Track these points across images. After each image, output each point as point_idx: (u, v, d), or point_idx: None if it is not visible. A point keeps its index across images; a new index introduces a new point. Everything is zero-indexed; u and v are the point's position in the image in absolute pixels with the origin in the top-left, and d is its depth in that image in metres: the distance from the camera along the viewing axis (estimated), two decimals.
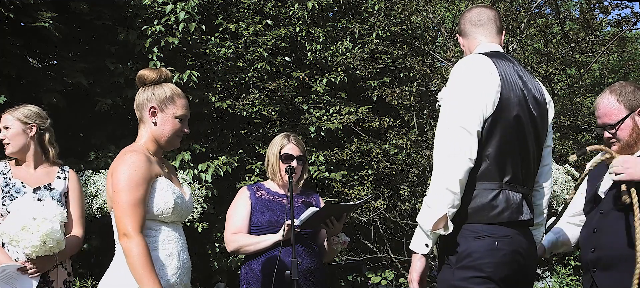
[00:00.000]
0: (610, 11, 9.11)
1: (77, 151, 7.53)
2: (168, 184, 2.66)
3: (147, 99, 2.69)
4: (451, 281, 2.35)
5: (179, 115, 2.70)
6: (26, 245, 3.04)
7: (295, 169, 3.56)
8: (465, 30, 2.68)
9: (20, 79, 7.03)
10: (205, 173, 7.57)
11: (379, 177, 8.35)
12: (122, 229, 2.51)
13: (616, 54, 10.83)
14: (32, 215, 3.07)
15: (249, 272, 3.53)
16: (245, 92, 8.82)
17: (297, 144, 3.64)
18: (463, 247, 2.34)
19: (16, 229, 3.05)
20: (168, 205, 2.62)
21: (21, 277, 3.15)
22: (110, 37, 7.77)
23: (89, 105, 7.58)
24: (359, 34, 9.31)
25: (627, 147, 2.85)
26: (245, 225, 3.57)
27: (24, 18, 6.60)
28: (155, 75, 2.71)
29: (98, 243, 6.85)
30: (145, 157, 2.61)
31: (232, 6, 9.48)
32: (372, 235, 8.45)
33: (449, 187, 2.28)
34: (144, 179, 2.55)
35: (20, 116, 3.41)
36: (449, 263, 2.38)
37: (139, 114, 2.74)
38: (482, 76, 2.40)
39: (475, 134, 2.32)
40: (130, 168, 2.54)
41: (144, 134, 2.72)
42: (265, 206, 3.58)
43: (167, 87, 2.72)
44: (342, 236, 3.53)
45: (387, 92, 8.47)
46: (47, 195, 3.35)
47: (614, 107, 2.86)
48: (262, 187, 3.68)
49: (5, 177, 3.32)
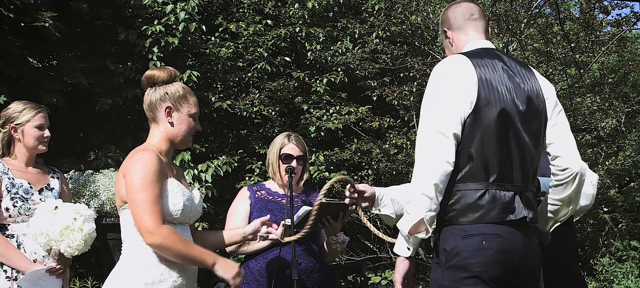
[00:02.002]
0: (610, 11, 9.12)
1: (77, 151, 7.52)
2: (178, 186, 2.65)
3: (161, 98, 2.67)
4: (441, 281, 2.34)
5: (192, 113, 2.71)
6: (70, 245, 3.10)
7: (295, 169, 3.56)
8: (457, 24, 2.63)
9: (20, 79, 7.02)
10: (205, 173, 7.57)
11: (379, 177, 8.35)
12: (144, 228, 2.50)
13: (616, 54, 10.81)
14: (72, 216, 3.12)
15: (247, 272, 3.53)
16: (245, 92, 8.82)
17: (298, 144, 3.64)
18: (451, 245, 2.33)
19: (58, 229, 3.10)
20: (177, 207, 2.61)
21: (49, 278, 3.20)
22: (110, 37, 7.77)
23: (89, 105, 7.57)
24: (359, 34, 9.31)
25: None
26: (242, 225, 3.54)
27: (24, 18, 6.60)
28: (165, 74, 2.70)
29: (98, 243, 6.84)
30: (157, 156, 2.60)
31: (232, 6, 9.48)
32: (372, 235, 8.44)
33: (425, 191, 2.28)
34: (158, 177, 2.54)
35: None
36: (439, 263, 2.37)
37: (151, 115, 2.71)
38: (457, 77, 2.38)
39: (451, 137, 2.30)
40: (144, 167, 2.53)
41: (156, 134, 2.70)
42: (264, 206, 3.57)
43: (179, 86, 2.71)
44: (340, 236, 3.51)
45: (387, 92, 8.48)
46: (50, 196, 3.36)
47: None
48: (263, 186, 3.68)
49: (9, 177, 3.30)
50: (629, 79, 11.29)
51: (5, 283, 3.17)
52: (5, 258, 3.18)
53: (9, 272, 3.20)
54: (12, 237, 3.24)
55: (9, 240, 3.22)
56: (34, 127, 3.35)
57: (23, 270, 3.16)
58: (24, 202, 3.25)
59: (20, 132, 3.34)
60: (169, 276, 2.56)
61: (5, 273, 3.20)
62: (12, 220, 3.24)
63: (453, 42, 2.64)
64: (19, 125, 3.34)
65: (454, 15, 2.64)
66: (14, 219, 3.24)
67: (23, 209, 3.24)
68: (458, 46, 2.60)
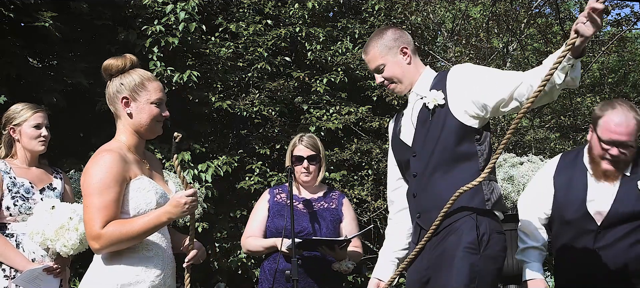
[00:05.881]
0: (610, 11, 9.11)
1: (77, 151, 7.52)
2: (150, 183, 2.52)
3: (117, 90, 2.54)
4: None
5: (154, 100, 2.54)
6: (66, 244, 3.10)
7: (294, 169, 3.62)
8: (413, 55, 2.87)
9: (20, 79, 7.02)
10: (205, 173, 7.56)
11: (379, 177, 8.35)
12: (90, 233, 2.39)
13: (616, 54, 10.83)
14: (68, 215, 3.12)
15: (262, 272, 3.65)
16: (245, 92, 8.82)
17: (308, 145, 3.66)
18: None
19: (53, 228, 3.09)
20: (150, 206, 2.48)
21: (46, 277, 3.21)
22: (110, 37, 7.77)
23: (89, 105, 7.57)
24: (359, 34, 9.31)
25: (620, 169, 2.90)
26: (259, 229, 3.68)
27: (24, 18, 6.59)
28: (120, 63, 2.57)
29: None
30: (120, 156, 2.46)
31: (232, 6, 9.48)
32: (372, 235, 8.45)
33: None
34: (116, 181, 2.40)
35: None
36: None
37: (112, 109, 2.59)
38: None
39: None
40: (102, 169, 2.40)
41: (121, 129, 2.57)
42: (278, 211, 3.65)
43: (135, 74, 2.56)
44: (343, 264, 3.52)
45: (387, 92, 8.48)
46: (52, 195, 3.38)
47: (635, 128, 2.85)
48: (284, 189, 3.75)
49: (11, 177, 3.32)
50: (629, 79, 11.30)
51: (4, 282, 3.18)
52: (4, 257, 3.20)
53: (7, 271, 3.22)
54: (11, 236, 3.25)
55: (9, 239, 3.24)
56: (32, 127, 3.37)
57: (21, 269, 3.17)
58: (25, 201, 3.27)
59: (18, 132, 3.38)
60: (145, 276, 2.45)
61: (3, 272, 3.22)
62: (13, 219, 3.26)
63: (410, 71, 2.86)
64: (17, 125, 3.37)
65: (410, 41, 2.89)
66: (15, 218, 3.26)
67: (23, 208, 3.26)
68: (412, 81, 2.87)
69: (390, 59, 2.79)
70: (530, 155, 5.59)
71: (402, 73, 2.79)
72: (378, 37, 2.83)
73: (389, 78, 2.80)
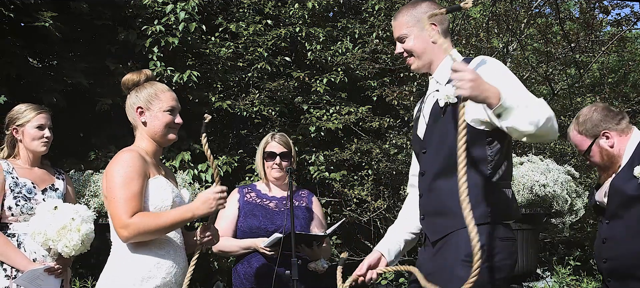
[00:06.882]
0: (610, 11, 9.11)
1: (77, 151, 7.52)
2: (167, 183, 2.68)
3: (133, 102, 2.75)
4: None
5: (166, 108, 2.73)
6: (67, 244, 3.11)
7: (294, 169, 3.61)
8: (443, 35, 2.65)
9: (20, 79, 7.02)
10: (205, 173, 7.57)
11: (379, 177, 8.34)
12: (117, 224, 2.52)
13: (616, 54, 10.83)
14: (70, 216, 3.13)
15: (235, 275, 3.58)
16: (245, 92, 8.82)
17: (280, 141, 3.65)
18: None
19: (55, 229, 3.10)
20: (166, 203, 2.62)
21: (47, 278, 3.22)
22: (110, 37, 7.77)
23: (89, 105, 7.57)
24: (359, 34, 9.31)
25: (604, 169, 3.02)
26: (229, 228, 3.60)
27: (24, 18, 6.60)
28: (136, 77, 2.77)
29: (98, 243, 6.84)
30: (139, 155, 2.63)
31: (232, 6, 9.48)
32: (372, 235, 8.44)
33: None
34: (138, 174, 2.56)
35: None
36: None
37: (131, 120, 2.79)
38: None
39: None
40: (123, 166, 2.57)
41: (139, 136, 2.76)
42: (250, 211, 3.59)
43: (149, 86, 2.76)
44: (319, 263, 3.48)
45: (387, 92, 8.47)
46: (54, 196, 3.39)
47: (578, 138, 3.11)
48: (253, 188, 3.71)
49: (13, 177, 3.32)
50: (629, 79, 11.30)
51: (5, 282, 3.19)
52: (5, 257, 3.21)
53: (9, 270, 3.22)
54: (13, 236, 3.26)
55: (10, 239, 3.24)
56: (34, 128, 3.40)
57: (22, 269, 3.18)
58: (27, 202, 3.28)
59: (21, 132, 3.40)
60: (157, 272, 2.57)
61: (4, 271, 3.22)
62: (15, 219, 3.27)
63: (437, 47, 2.70)
64: (20, 125, 3.40)
65: (443, 19, 2.70)
66: (16, 218, 3.27)
67: (25, 208, 3.27)
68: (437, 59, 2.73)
69: (416, 31, 2.61)
70: (530, 155, 5.58)
71: (422, 49, 2.62)
72: (411, 6, 2.67)
73: (408, 50, 2.65)
